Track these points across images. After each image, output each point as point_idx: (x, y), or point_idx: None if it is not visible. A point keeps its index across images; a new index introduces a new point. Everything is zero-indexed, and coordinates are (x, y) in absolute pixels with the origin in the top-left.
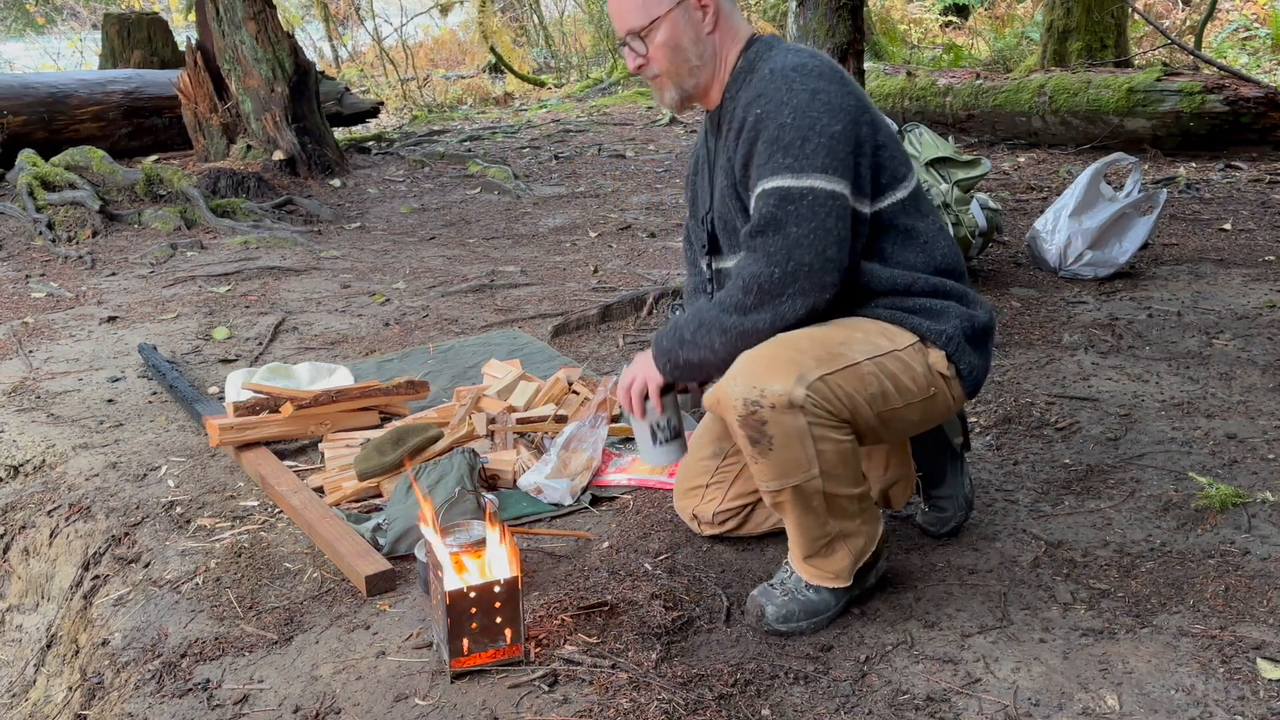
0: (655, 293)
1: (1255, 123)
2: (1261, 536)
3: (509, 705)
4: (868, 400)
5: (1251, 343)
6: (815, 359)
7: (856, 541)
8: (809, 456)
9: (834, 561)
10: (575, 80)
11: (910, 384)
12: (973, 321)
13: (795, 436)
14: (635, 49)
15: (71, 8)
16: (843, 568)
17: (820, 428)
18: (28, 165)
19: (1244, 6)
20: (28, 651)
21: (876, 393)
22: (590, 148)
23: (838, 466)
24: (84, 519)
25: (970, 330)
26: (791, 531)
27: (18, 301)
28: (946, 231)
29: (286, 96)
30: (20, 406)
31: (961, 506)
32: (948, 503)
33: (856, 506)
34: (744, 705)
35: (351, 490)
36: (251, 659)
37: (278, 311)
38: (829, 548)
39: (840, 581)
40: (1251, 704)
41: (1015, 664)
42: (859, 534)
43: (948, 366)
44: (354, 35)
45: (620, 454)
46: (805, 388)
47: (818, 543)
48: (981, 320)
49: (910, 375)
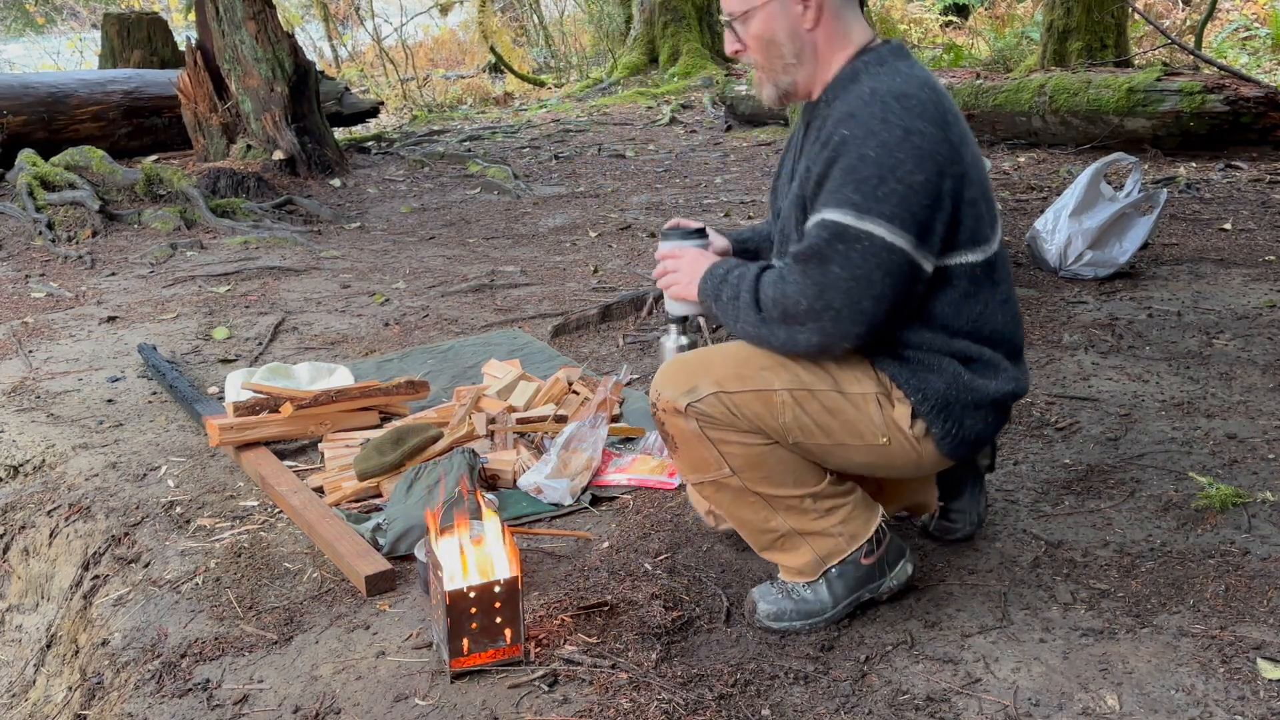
0: (655, 293)
1: (1255, 123)
2: (1261, 536)
3: (509, 705)
4: (781, 427)
5: (1251, 343)
6: (720, 377)
7: (825, 542)
8: (714, 457)
9: (794, 556)
10: (575, 80)
11: (846, 427)
12: (974, 389)
13: (692, 438)
14: (735, 31)
15: (71, 8)
16: (805, 564)
17: (716, 430)
18: (28, 165)
19: (1244, 6)
20: (28, 651)
21: (789, 423)
22: (590, 148)
23: (757, 468)
24: (84, 519)
25: (964, 396)
26: (733, 523)
27: (18, 301)
28: (1012, 305)
29: (286, 96)
30: (20, 406)
31: (972, 522)
32: (959, 517)
33: (813, 505)
34: (744, 705)
35: (351, 490)
36: (251, 659)
37: (277, 311)
38: (784, 541)
39: (804, 577)
40: (1251, 704)
41: (1015, 664)
42: (829, 535)
43: (912, 424)
44: (354, 35)
45: (620, 454)
46: (692, 399)
47: (765, 536)
48: (989, 391)
49: (849, 418)
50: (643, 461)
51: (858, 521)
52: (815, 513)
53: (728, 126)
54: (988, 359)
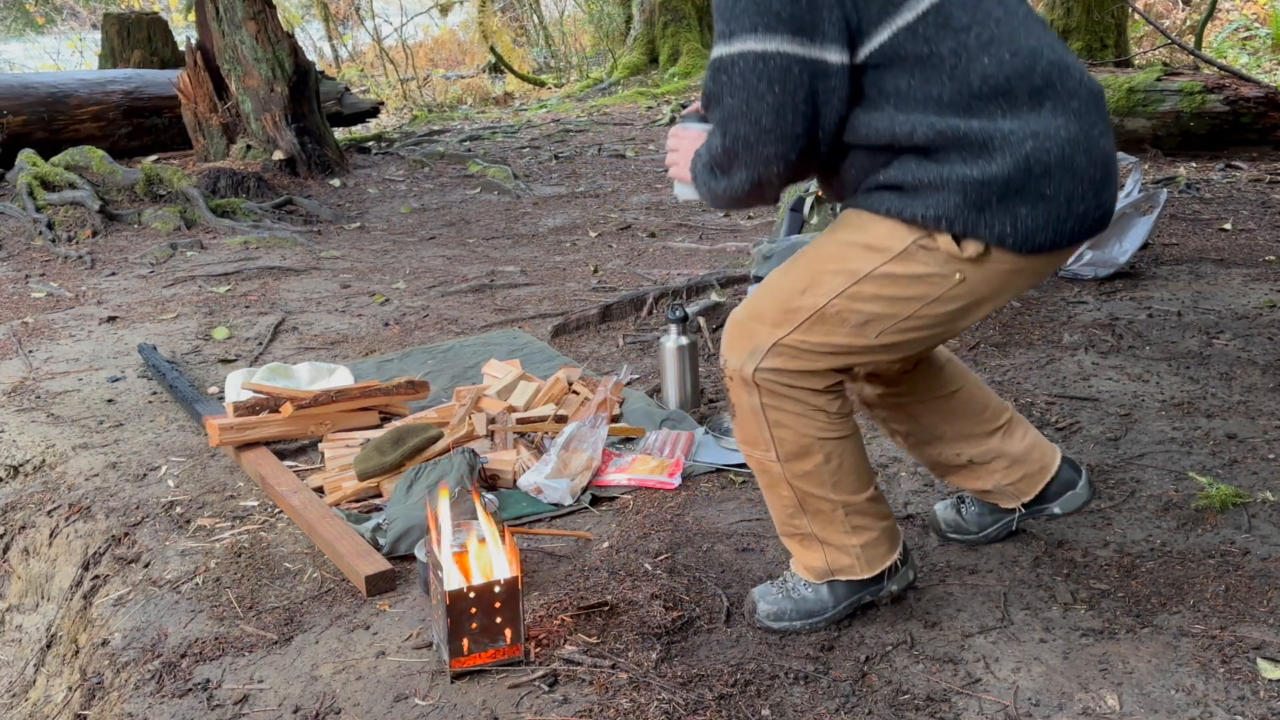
0: (655, 293)
1: (1255, 123)
2: (1261, 536)
3: (509, 705)
4: (856, 334)
5: (1251, 343)
6: (772, 322)
7: (840, 558)
8: (765, 438)
9: (808, 555)
10: (575, 80)
11: (914, 291)
12: (984, 177)
13: (749, 412)
14: None
15: (71, 8)
16: (815, 566)
17: (775, 411)
18: (28, 165)
19: (1244, 6)
20: (28, 651)
21: (859, 325)
22: (590, 148)
23: (801, 459)
24: (84, 519)
25: (981, 189)
26: (766, 501)
27: (18, 301)
28: (999, 45)
29: (286, 96)
30: (20, 406)
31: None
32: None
33: (843, 519)
34: (744, 705)
35: (351, 490)
36: (251, 659)
37: (278, 311)
38: (804, 540)
39: (809, 575)
40: (1251, 704)
41: (1015, 664)
42: (847, 553)
43: (962, 247)
44: (354, 35)
45: (620, 454)
46: (757, 362)
47: (788, 527)
48: (999, 171)
49: (906, 282)
50: (643, 461)
51: (878, 551)
52: (843, 527)
53: None
54: (991, 133)
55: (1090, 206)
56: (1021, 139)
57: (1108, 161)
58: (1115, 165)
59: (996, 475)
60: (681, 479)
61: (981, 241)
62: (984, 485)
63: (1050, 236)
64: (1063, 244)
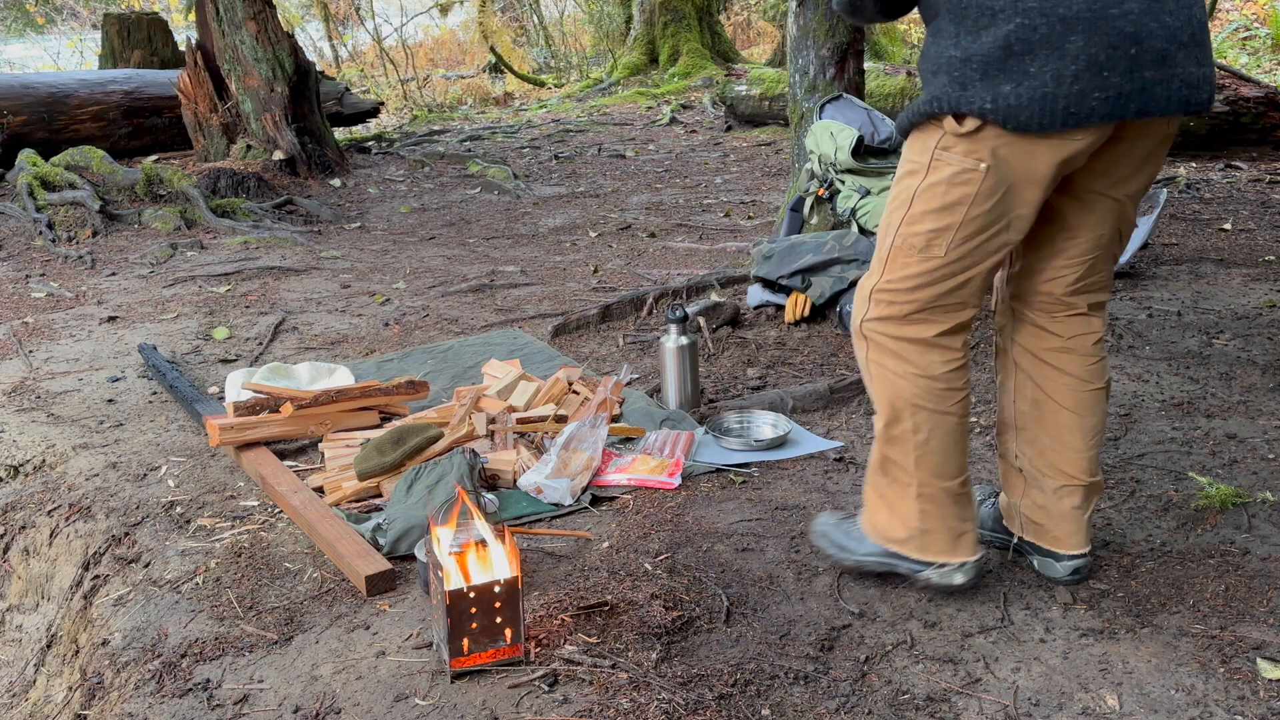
0: (655, 293)
1: (1255, 123)
2: (1261, 536)
3: (509, 705)
4: (929, 258)
5: (1251, 343)
6: (873, 274)
7: (898, 528)
8: (872, 394)
9: (873, 511)
10: (575, 80)
11: (951, 196)
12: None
13: (862, 367)
14: None
15: (71, 8)
16: (873, 524)
17: (877, 367)
18: (28, 165)
19: (1244, 6)
20: (28, 651)
21: (927, 250)
22: (590, 148)
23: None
24: (84, 519)
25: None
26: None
27: (18, 301)
28: None
29: (286, 96)
30: (20, 406)
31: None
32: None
33: (915, 496)
34: (744, 705)
35: (351, 490)
36: (251, 659)
37: (278, 311)
38: (878, 500)
39: (868, 530)
40: (1251, 704)
41: (1015, 664)
42: (906, 525)
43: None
44: (354, 35)
45: (620, 454)
46: (864, 313)
47: (869, 482)
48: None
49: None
50: (643, 461)
51: (937, 540)
52: (910, 503)
53: (728, 126)
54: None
55: (1091, 86)
56: (1010, 15)
57: (1126, 41)
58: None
59: (1023, 500)
60: (681, 479)
61: (972, 117)
62: (1010, 494)
63: (1036, 114)
64: (1057, 125)
